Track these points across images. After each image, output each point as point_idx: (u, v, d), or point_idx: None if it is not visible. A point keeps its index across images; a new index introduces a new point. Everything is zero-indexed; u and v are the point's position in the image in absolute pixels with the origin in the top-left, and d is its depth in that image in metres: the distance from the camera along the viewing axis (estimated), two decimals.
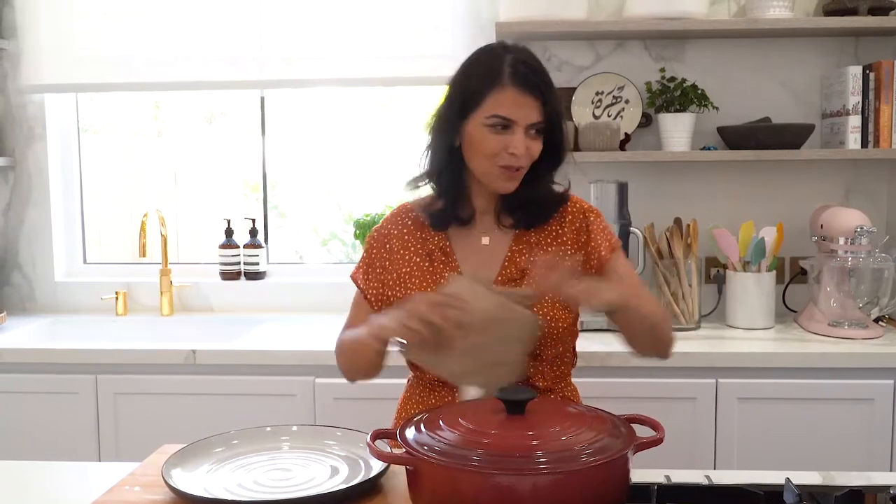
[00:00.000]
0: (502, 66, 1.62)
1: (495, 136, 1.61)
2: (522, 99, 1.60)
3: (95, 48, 3.10)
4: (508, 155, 1.61)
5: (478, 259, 1.73)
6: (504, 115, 1.60)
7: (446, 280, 1.65)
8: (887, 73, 2.75)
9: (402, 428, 1.26)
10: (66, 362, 2.60)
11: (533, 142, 1.63)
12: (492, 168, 1.64)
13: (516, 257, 1.72)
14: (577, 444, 1.17)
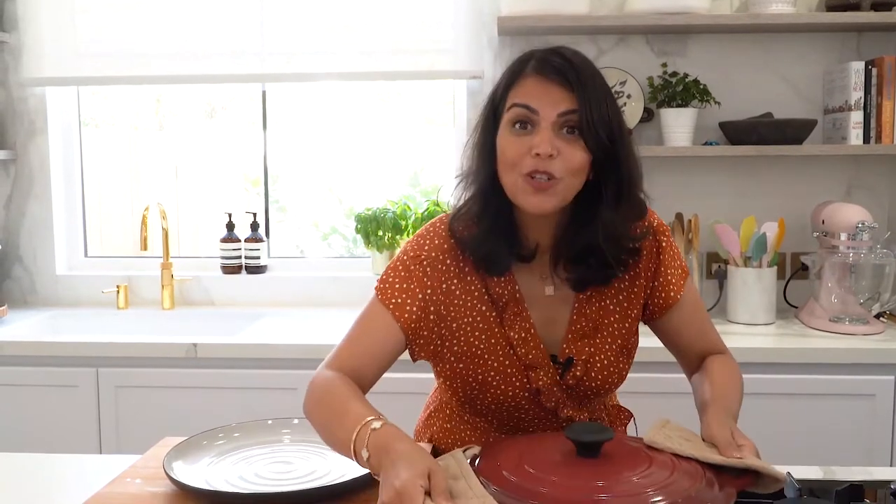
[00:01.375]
0: (528, 60, 1.38)
1: (517, 138, 1.34)
2: (545, 84, 1.34)
3: (97, 41, 3.10)
4: (532, 158, 1.31)
5: (544, 311, 1.46)
6: (522, 102, 1.34)
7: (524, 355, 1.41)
8: (889, 69, 2.74)
9: None
10: (68, 355, 2.60)
11: (569, 145, 1.32)
12: (517, 178, 1.34)
13: (584, 307, 1.47)
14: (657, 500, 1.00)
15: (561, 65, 1.34)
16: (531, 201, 1.34)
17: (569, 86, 1.33)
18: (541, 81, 1.34)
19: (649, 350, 1.64)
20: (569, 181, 1.34)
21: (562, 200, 1.36)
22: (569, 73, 1.33)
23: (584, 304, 1.47)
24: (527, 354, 1.45)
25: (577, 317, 1.47)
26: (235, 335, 2.69)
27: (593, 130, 1.32)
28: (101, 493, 1.32)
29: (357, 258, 3.33)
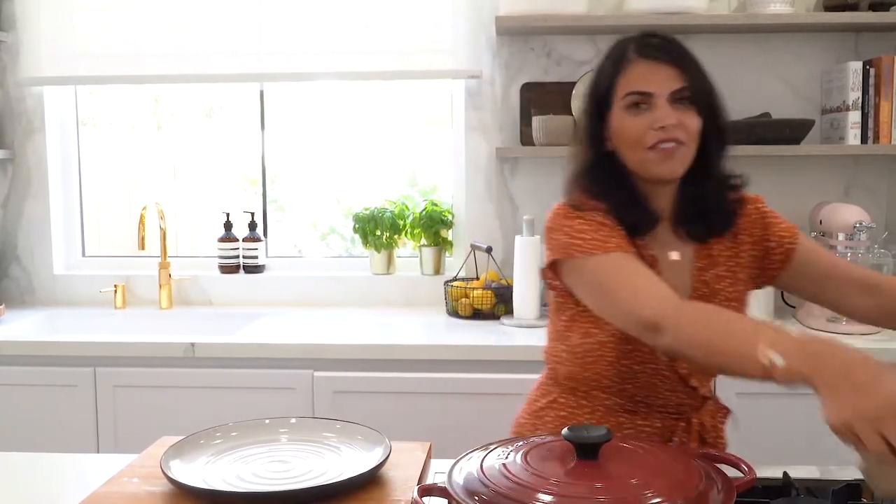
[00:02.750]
0: (627, 46, 1.51)
1: (636, 118, 1.47)
2: (654, 67, 1.47)
3: (95, 41, 3.10)
4: (655, 131, 1.45)
5: (671, 277, 1.51)
6: (638, 90, 1.47)
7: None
8: (887, 69, 2.74)
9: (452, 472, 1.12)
10: (65, 355, 2.60)
11: (684, 113, 1.46)
12: (643, 153, 1.47)
13: (702, 274, 1.57)
14: (657, 502, 1.00)
15: (661, 44, 1.49)
16: (663, 168, 1.48)
17: (673, 63, 1.47)
18: (647, 64, 1.48)
19: None
20: (690, 145, 1.48)
21: (686, 164, 1.49)
22: (671, 52, 1.49)
23: (701, 271, 1.57)
24: None
25: (697, 283, 1.56)
26: (233, 335, 2.69)
27: (703, 98, 1.49)
28: (98, 493, 1.31)
29: (355, 258, 3.33)
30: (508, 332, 2.71)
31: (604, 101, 1.52)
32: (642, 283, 1.42)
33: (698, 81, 1.49)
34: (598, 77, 1.54)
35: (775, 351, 1.16)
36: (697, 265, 1.57)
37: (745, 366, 1.21)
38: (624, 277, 1.44)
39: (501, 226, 3.10)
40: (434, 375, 2.51)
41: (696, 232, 1.56)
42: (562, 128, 2.84)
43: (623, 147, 1.51)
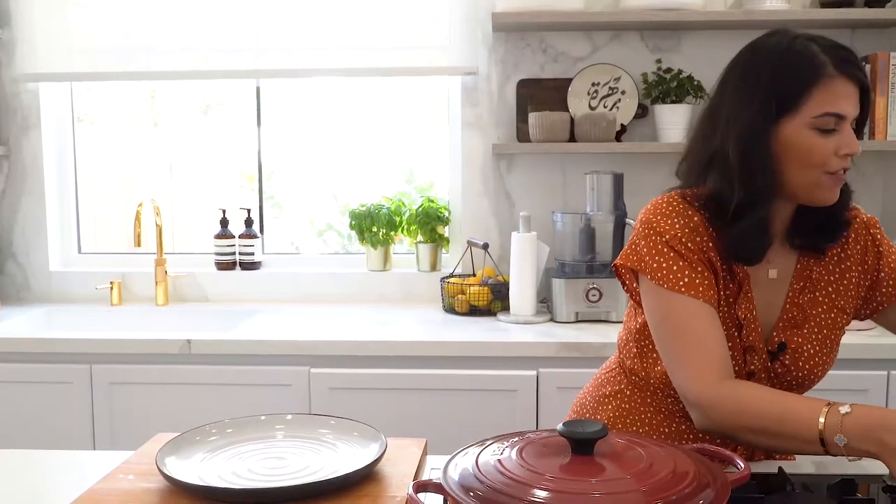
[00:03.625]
0: (822, 56, 1.37)
1: (824, 139, 1.36)
2: (850, 87, 1.36)
3: (91, 37, 3.10)
4: (840, 158, 1.37)
5: (765, 295, 1.49)
6: (836, 112, 1.35)
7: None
8: (883, 66, 2.75)
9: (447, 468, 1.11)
10: (61, 352, 2.59)
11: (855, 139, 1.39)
12: (819, 177, 1.38)
13: (798, 297, 1.50)
14: (651, 498, 0.99)
15: (856, 61, 1.38)
16: (830, 196, 1.41)
17: (862, 84, 1.38)
18: (846, 83, 1.37)
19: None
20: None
21: None
22: (858, 73, 1.38)
23: (797, 293, 1.50)
24: (748, 336, 1.48)
25: (790, 305, 1.50)
26: (230, 332, 2.69)
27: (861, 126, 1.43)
28: (93, 489, 1.31)
29: (352, 254, 3.33)
30: (505, 328, 2.72)
31: (785, 108, 1.38)
32: (696, 353, 1.40)
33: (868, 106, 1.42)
34: (784, 75, 1.38)
35: (838, 434, 1.25)
36: (795, 286, 1.51)
37: (804, 448, 1.30)
38: (683, 338, 1.42)
39: (498, 222, 3.10)
40: (431, 372, 2.51)
41: (811, 243, 1.49)
42: (558, 124, 2.84)
43: (795, 166, 1.39)
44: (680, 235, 1.44)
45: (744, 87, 1.41)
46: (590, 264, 2.80)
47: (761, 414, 1.33)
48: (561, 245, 2.88)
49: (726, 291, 1.47)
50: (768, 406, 1.33)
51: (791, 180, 1.40)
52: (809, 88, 1.36)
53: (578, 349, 2.47)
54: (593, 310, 2.72)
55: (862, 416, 1.24)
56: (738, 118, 1.40)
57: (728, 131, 1.42)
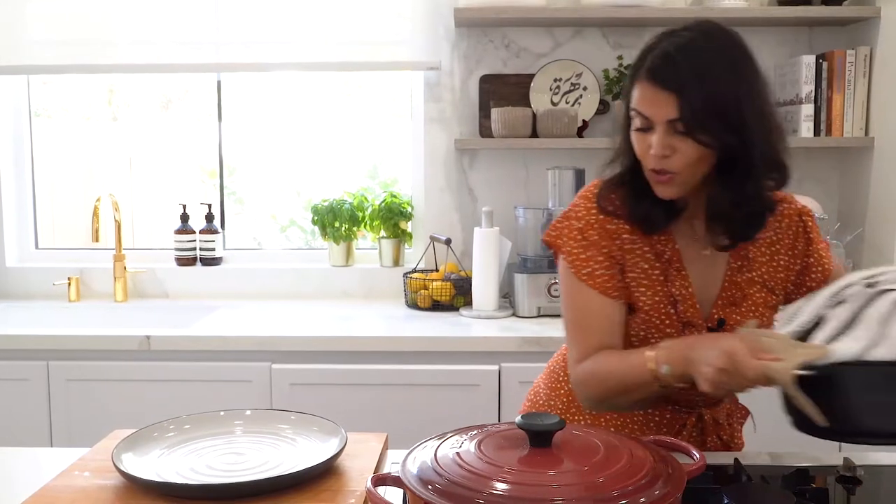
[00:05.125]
0: (646, 58, 1.44)
1: (641, 136, 1.45)
2: (654, 93, 1.40)
3: (47, 29, 3.05)
4: (650, 156, 1.43)
5: (700, 272, 1.54)
6: (638, 109, 1.43)
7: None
8: (840, 63, 2.79)
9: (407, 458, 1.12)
10: (18, 348, 2.56)
11: (681, 142, 1.40)
12: (647, 171, 1.47)
13: (735, 275, 1.55)
14: (609, 489, 1.00)
15: (666, 72, 1.40)
16: (659, 191, 1.47)
17: (676, 91, 1.38)
18: (650, 88, 1.41)
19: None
20: (687, 173, 1.44)
21: (681, 190, 1.47)
22: (674, 81, 1.39)
23: (735, 271, 1.55)
24: (685, 311, 1.53)
25: (728, 283, 1.55)
26: (189, 327, 2.67)
27: (702, 130, 1.39)
28: (48, 486, 1.30)
29: (314, 250, 3.32)
30: (467, 323, 2.72)
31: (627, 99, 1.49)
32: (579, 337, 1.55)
33: (698, 113, 1.38)
34: (628, 77, 1.49)
35: (663, 364, 1.38)
36: (732, 265, 1.55)
37: (648, 391, 1.43)
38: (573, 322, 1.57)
39: (461, 217, 3.11)
40: (393, 367, 2.51)
41: (724, 234, 1.51)
42: (520, 120, 2.85)
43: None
44: (593, 222, 1.54)
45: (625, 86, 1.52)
46: (551, 259, 2.81)
47: (609, 376, 1.47)
48: (523, 240, 2.89)
49: (653, 271, 1.53)
50: (612, 367, 1.47)
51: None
52: (632, 85, 1.46)
53: (540, 343, 2.48)
54: (555, 304, 2.73)
55: (675, 345, 1.40)
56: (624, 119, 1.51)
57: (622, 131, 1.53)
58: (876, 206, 2.81)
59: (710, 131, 1.38)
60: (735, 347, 1.27)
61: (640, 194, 1.51)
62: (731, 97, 1.38)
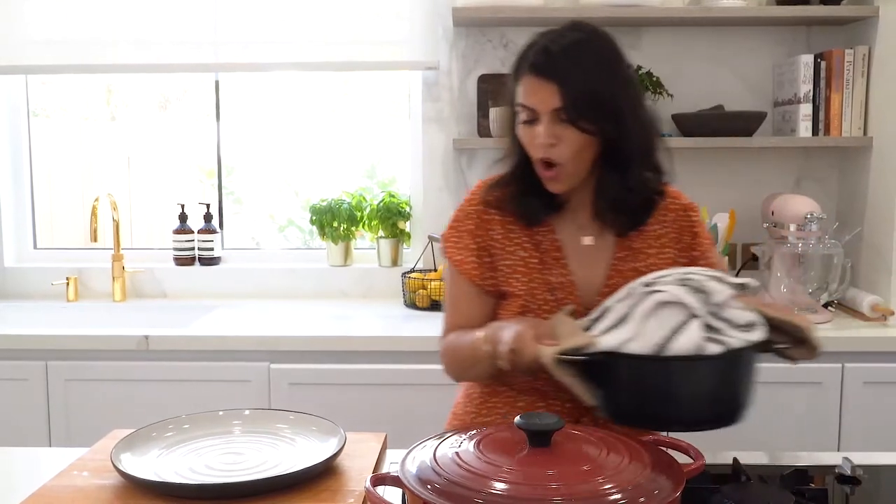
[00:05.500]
0: (527, 55, 1.53)
1: (527, 129, 1.52)
2: (537, 85, 1.49)
3: (47, 29, 3.04)
4: (536, 147, 1.51)
5: (583, 261, 1.61)
6: (524, 103, 1.51)
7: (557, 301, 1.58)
8: (838, 62, 2.79)
9: (405, 462, 1.13)
10: (16, 348, 2.55)
11: (565, 131, 1.48)
12: (536, 161, 1.54)
13: (620, 265, 1.61)
14: (608, 488, 1.01)
15: (547, 65, 1.49)
16: (548, 186, 1.55)
17: (558, 82, 1.47)
18: (533, 82, 1.49)
19: None
20: (572, 163, 1.52)
21: (571, 180, 1.55)
22: (555, 72, 1.48)
23: (619, 261, 1.61)
24: (564, 299, 1.59)
25: (612, 272, 1.60)
26: (188, 327, 2.67)
27: (583, 118, 1.48)
28: (47, 486, 1.30)
29: (313, 249, 3.31)
30: None
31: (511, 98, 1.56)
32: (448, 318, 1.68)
33: (580, 101, 1.47)
34: (511, 75, 1.57)
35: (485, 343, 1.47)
36: (617, 255, 1.62)
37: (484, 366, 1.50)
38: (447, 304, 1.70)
39: None
40: (391, 367, 2.51)
41: (610, 223, 1.60)
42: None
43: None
44: (471, 212, 1.65)
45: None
46: None
47: (456, 351, 1.60)
48: None
49: (532, 260, 1.60)
50: (459, 342, 1.59)
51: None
52: (516, 82, 1.54)
53: None
54: None
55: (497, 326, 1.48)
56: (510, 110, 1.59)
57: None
58: (874, 206, 2.81)
59: (591, 119, 1.48)
60: (522, 330, 1.37)
61: (525, 191, 1.59)
62: (607, 90, 1.49)
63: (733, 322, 1.31)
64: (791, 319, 1.38)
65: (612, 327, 1.34)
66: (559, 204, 1.61)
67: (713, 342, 1.27)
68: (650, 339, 1.27)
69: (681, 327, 1.28)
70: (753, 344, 1.30)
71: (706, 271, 1.38)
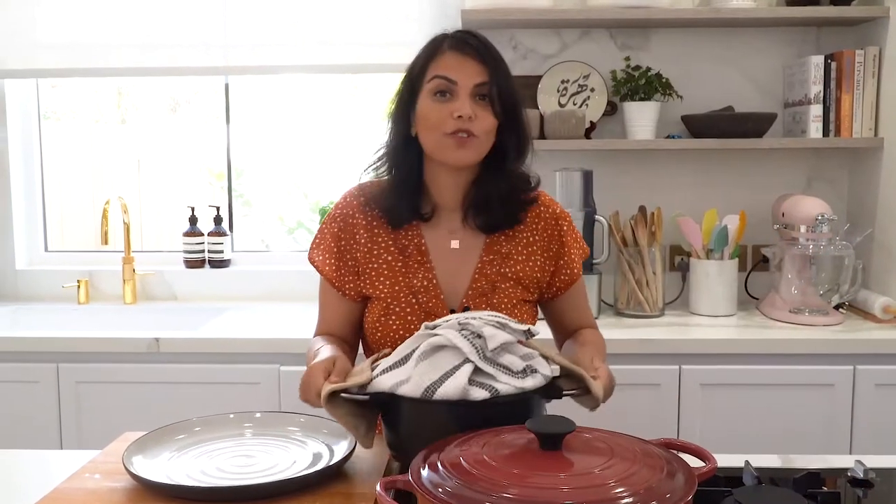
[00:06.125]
0: (444, 40, 1.60)
1: (440, 105, 1.55)
2: (463, 60, 1.56)
3: (56, 33, 3.06)
4: (455, 119, 1.53)
5: (449, 265, 1.65)
6: (443, 75, 1.55)
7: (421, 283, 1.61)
8: (849, 63, 2.78)
9: (416, 466, 1.12)
10: (28, 351, 2.56)
11: (482, 110, 1.55)
12: (441, 138, 1.56)
13: (486, 268, 1.64)
14: (620, 492, 1.00)
15: (476, 44, 1.58)
16: (455, 155, 1.57)
17: (482, 61, 1.56)
18: (458, 57, 1.57)
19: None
20: (483, 140, 1.57)
21: (478, 155, 1.59)
22: (482, 51, 1.57)
23: (486, 264, 1.65)
24: (427, 302, 1.62)
25: (479, 275, 1.64)
26: (198, 329, 2.67)
27: (501, 98, 1.57)
28: (59, 489, 1.30)
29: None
30: None
31: (415, 85, 1.60)
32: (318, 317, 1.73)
33: (501, 82, 1.57)
34: (414, 63, 1.63)
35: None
36: (484, 258, 1.65)
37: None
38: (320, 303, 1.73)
39: None
40: None
41: (479, 223, 1.65)
42: (528, 121, 2.84)
43: (424, 130, 1.58)
44: (337, 216, 1.69)
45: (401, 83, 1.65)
46: None
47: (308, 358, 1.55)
48: None
49: (396, 264, 1.64)
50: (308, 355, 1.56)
51: (427, 146, 1.59)
52: (427, 64, 1.59)
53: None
54: None
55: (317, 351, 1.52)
56: (396, 107, 1.64)
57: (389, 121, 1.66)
58: (885, 207, 2.80)
59: (505, 104, 1.57)
60: (313, 366, 1.39)
61: (399, 192, 1.63)
62: (512, 84, 1.60)
63: (509, 368, 1.32)
64: (575, 368, 1.39)
65: (393, 367, 1.36)
66: (428, 213, 1.65)
67: (481, 387, 1.29)
68: (421, 382, 1.29)
69: (452, 371, 1.30)
70: (527, 390, 1.31)
71: (492, 317, 1.38)
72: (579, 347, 1.63)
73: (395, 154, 1.65)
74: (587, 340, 1.68)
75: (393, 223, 1.65)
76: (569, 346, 1.72)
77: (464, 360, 1.31)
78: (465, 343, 1.32)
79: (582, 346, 1.65)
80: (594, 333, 1.75)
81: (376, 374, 1.36)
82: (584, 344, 1.65)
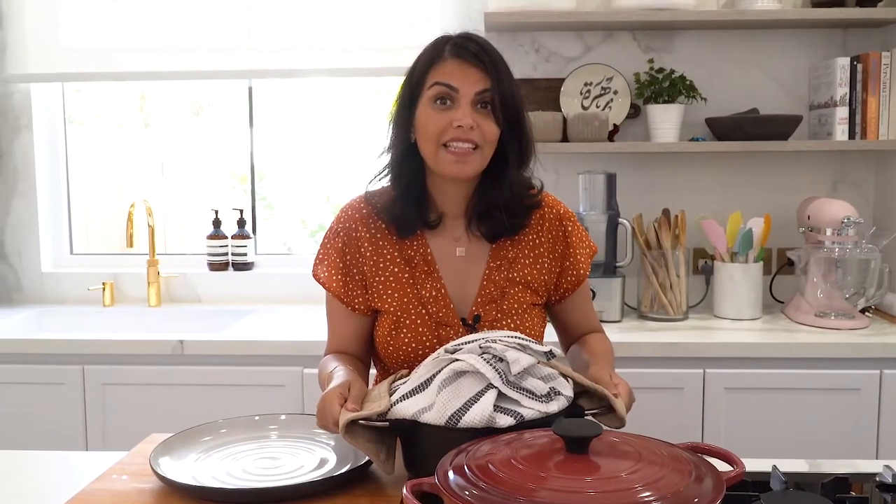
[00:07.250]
0: (445, 45, 1.56)
1: (440, 113, 1.52)
2: (464, 67, 1.52)
3: (82, 37, 3.08)
4: (454, 129, 1.50)
5: (456, 273, 1.63)
6: (444, 82, 1.52)
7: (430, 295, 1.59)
8: (875, 65, 2.75)
9: (443, 468, 1.11)
10: (53, 353, 2.58)
11: (483, 119, 1.52)
12: (439, 150, 1.53)
13: (494, 274, 1.63)
14: (647, 496, 0.99)
15: (477, 50, 1.54)
16: (454, 169, 1.54)
17: (483, 68, 1.52)
18: (459, 63, 1.53)
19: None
20: (485, 150, 1.54)
21: (480, 167, 1.56)
22: (483, 57, 1.53)
23: (493, 271, 1.63)
24: (437, 312, 1.60)
25: (487, 282, 1.62)
26: (222, 332, 2.68)
27: (503, 106, 1.53)
28: (87, 490, 1.31)
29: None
30: None
31: (415, 91, 1.56)
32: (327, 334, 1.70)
33: (504, 88, 1.53)
34: (413, 68, 1.58)
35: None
36: (491, 265, 1.63)
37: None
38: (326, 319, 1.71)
39: None
40: None
41: (483, 231, 1.63)
42: (550, 124, 2.84)
43: (423, 139, 1.55)
44: (340, 230, 1.66)
45: (402, 88, 1.60)
46: None
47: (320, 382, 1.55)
48: None
49: (403, 275, 1.61)
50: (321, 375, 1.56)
51: (426, 157, 1.56)
52: (428, 70, 1.54)
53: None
54: None
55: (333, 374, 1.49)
56: (396, 113, 1.60)
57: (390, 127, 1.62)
58: None
59: (507, 111, 1.53)
60: (329, 394, 1.35)
61: (404, 201, 1.60)
62: (516, 91, 1.56)
63: (533, 393, 1.31)
64: (598, 388, 1.38)
65: (413, 392, 1.33)
66: (435, 221, 1.62)
67: (506, 414, 1.27)
68: (445, 410, 1.27)
69: (476, 398, 1.27)
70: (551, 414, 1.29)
71: (512, 338, 1.36)
72: (591, 358, 1.61)
73: (398, 163, 1.61)
74: (597, 351, 1.66)
75: (401, 233, 1.62)
76: (576, 352, 1.71)
77: (487, 385, 1.29)
78: (488, 369, 1.29)
79: (593, 355, 1.62)
80: (602, 340, 1.73)
81: (395, 398, 1.33)
82: (595, 354, 1.63)
